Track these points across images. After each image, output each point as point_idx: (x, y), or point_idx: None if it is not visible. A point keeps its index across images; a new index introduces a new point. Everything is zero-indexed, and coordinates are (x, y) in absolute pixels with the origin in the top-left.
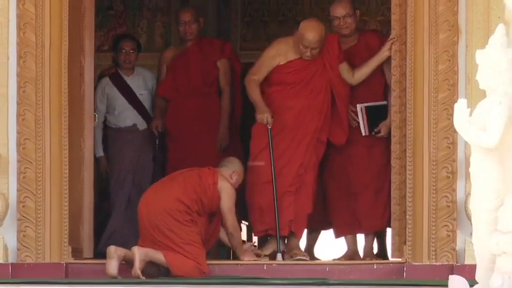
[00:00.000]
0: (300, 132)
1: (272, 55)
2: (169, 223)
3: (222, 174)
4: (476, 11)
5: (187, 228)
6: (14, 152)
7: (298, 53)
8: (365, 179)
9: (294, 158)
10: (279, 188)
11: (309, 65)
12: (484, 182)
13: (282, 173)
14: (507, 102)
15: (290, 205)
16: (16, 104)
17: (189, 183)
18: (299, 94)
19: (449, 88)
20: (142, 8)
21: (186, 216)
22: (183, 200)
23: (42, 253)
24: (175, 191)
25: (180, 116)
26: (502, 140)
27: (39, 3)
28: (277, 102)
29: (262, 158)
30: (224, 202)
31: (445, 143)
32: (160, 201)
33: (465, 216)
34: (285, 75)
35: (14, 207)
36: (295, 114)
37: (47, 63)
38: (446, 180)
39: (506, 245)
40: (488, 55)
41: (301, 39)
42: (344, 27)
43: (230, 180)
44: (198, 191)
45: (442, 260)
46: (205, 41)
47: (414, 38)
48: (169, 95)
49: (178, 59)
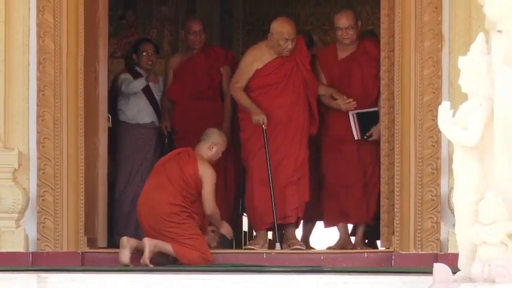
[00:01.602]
0: (292, 126)
1: (249, 62)
2: (168, 226)
3: (200, 154)
4: (459, 21)
5: (186, 225)
6: (34, 150)
7: (274, 53)
8: (355, 174)
9: (290, 151)
10: (282, 180)
11: (284, 63)
12: (466, 177)
13: (281, 165)
14: (487, 105)
15: (294, 194)
16: (36, 106)
17: (173, 181)
18: (284, 92)
19: (434, 91)
20: (152, 17)
21: (182, 214)
22: (174, 202)
23: (60, 243)
24: (164, 195)
25: (187, 117)
26: (482, 139)
27: (57, 14)
28: (265, 103)
29: (259, 157)
30: (205, 188)
31: (430, 141)
32: (155, 209)
33: (448, 209)
34: (265, 78)
35: (34, 200)
36: (285, 110)
37: (65, 69)
38: (431, 176)
39: (485, 235)
40: (470, 61)
41: (280, 34)
42: (346, 37)
43: (209, 152)
44: (182, 185)
45: (427, 249)
46: (209, 49)
47: (401, 45)
48: (177, 98)
49: (185, 65)
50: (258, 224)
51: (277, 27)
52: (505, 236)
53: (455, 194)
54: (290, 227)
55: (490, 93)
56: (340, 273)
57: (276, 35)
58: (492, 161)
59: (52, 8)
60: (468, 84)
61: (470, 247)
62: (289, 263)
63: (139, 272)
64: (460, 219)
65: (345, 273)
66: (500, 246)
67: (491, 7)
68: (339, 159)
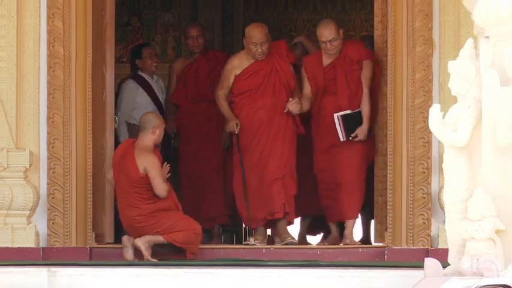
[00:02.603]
0: (274, 127)
1: (229, 69)
2: (148, 229)
3: (143, 144)
4: (448, 27)
5: (163, 219)
6: (45, 150)
7: (251, 57)
8: (346, 174)
9: (274, 150)
10: (268, 178)
11: (261, 67)
12: (455, 176)
13: (267, 163)
14: (475, 107)
15: (280, 190)
16: (46, 108)
17: (126, 185)
18: (264, 95)
19: (425, 94)
20: (156, 24)
21: (155, 209)
22: (139, 206)
23: (69, 238)
24: (129, 201)
25: (191, 119)
26: (471, 139)
27: (66, 21)
28: (247, 106)
29: (247, 158)
30: (149, 175)
31: (421, 142)
32: (130, 221)
33: (438, 206)
34: (245, 82)
35: (44, 198)
36: (266, 111)
37: (73, 73)
38: (422, 175)
39: (474, 231)
40: (459, 65)
41: (249, 39)
42: (331, 49)
43: (154, 136)
44: (135, 183)
45: (419, 245)
46: (211, 53)
47: (394, 50)
48: (180, 101)
49: (187, 69)
50: (253, 222)
51: (247, 32)
52: (493, 231)
53: (445, 192)
54: (280, 222)
55: (478, 95)
56: (336, 267)
57: (247, 40)
58: (480, 161)
59: (61, 15)
60: (457, 87)
61: (459, 242)
62: (287, 258)
63: (145, 266)
64: (450, 216)
65: (340, 268)
66: (488, 242)
67: (479, 14)
68: (330, 160)
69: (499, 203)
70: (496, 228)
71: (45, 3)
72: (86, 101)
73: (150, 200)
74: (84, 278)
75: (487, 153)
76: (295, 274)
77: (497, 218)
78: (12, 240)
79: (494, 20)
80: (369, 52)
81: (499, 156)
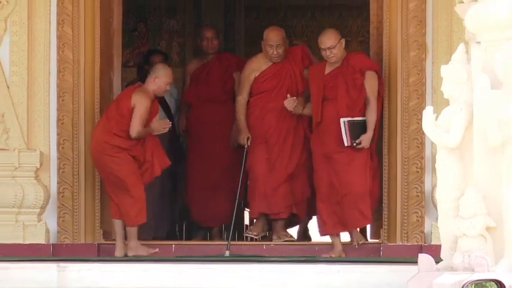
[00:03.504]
0: (283, 130)
1: (248, 73)
2: (106, 161)
3: (146, 88)
4: (441, 33)
5: (119, 162)
6: (55, 151)
7: (268, 60)
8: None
9: (283, 152)
10: (276, 178)
11: (279, 70)
12: (448, 176)
13: (275, 165)
14: (467, 109)
15: (288, 192)
16: (56, 111)
17: (110, 117)
18: (277, 98)
19: (418, 97)
20: (161, 30)
21: (121, 145)
22: (112, 131)
23: (78, 235)
24: (100, 133)
25: (202, 119)
26: (462, 140)
27: (75, 27)
28: (260, 106)
29: (256, 152)
30: (134, 111)
31: (414, 143)
32: (94, 147)
33: (432, 205)
34: (261, 84)
35: (54, 197)
36: (276, 114)
37: (82, 77)
38: (416, 175)
39: (466, 228)
40: (451, 69)
41: (266, 41)
42: (330, 56)
43: (154, 85)
44: (117, 119)
45: (413, 241)
46: (223, 55)
47: (389, 55)
48: (192, 101)
49: (200, 70)
50: (254, 212)
51: (265, 35)
52: (483, 229)
53: (438, 191)
54: (280, 221)
55: (470, 98)
56: (334, 262)
57: (264, 42)
58: (472, 161)
59: (71, 22)
60: (450, 90)
61: (451, 239)
62: (287, 254)
63: (151, 261)
64: (443, 214)
65: (338, 263)
66: (479, 238)
67: (470, 21)
68: (329, 168)
69: (490, 202)
70: (486, 226)
71: (55, 10)
72: (94, 104)
73: (122, 134)
74: (92, 273)
75: (478, 154)
76: (294, 269)
77: (488, 215)
78: (24, 237)
79: (485, 26)
80: (373, 63)
81: (490, 157)
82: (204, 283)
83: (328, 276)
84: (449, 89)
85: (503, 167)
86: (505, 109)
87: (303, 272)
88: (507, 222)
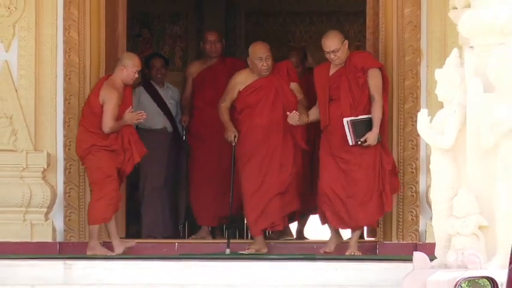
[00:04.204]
0: (271, 143)
1: (233, 85)
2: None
3: (114, 79)
4: (435, 38)
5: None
6: (61, 152)
7: (256, 75)
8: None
9: (271, 166)
10: (267, 193)
11: (264, 84)
12: (442, 176)
13: (264, 181)
14: (460, 112)
15: (279, 205)
16: (63, 113)
17: (85, 116)
18: (262, 113)
19: (413, 100)
20: (165, 35)
21: (95, 144)
22: (87, 129)
23: (83, 234)
24: (82, 122)
25: (206, 119)
26: (456, 142)
27: (81, 32)
28: (246, 123)
29: (248, 167)
30: (104, 107)
31: (410, 144)
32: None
33: (426, 204)
34: (247, 97)
35: (61, 196)
36: (262, 129)
37: (88, 80)
38: (411, 175)
39: (459, 227)
40: (445, 73)
41: (255, 55)
42: (335, 59)
43: (122, 74)
44: (91, 118)
45: (408, 240)
46: (228, 59)
47: (385, 59)
48: (197, 103)
49: (205, 73)
50: (252, 230)
51: (252, 49)
52: (476, 227)
53: (432, 191)
54: (278, 233)
55: (463, 101)
56: (331, 260)
57: (252, 56)
58: (465, 162)
59: (77, 27)
60: (444, 93)
61: (445, 237)
62: (286, 251)
63: (154, 259)
64: (437, 213)
65: (336, 261)
66: (472, 237)
67: (464, 26)
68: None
69: (482, 201)
70: (479, 225)
71: (62, 16)
72: None
73: (99, 131)
74: (97, 270)
75: (471, 155)
76: (293, 267)
77: (481, 215)
78: (31, 236)
79: (478, 31)
80: (374, 61)
81: (483, 158)
82: (205, 280)
83: (326, 273)
84: (443, 92)
85: (496, 168)
86: (497, 111)
87: (301, 269)
88: (499, 221)
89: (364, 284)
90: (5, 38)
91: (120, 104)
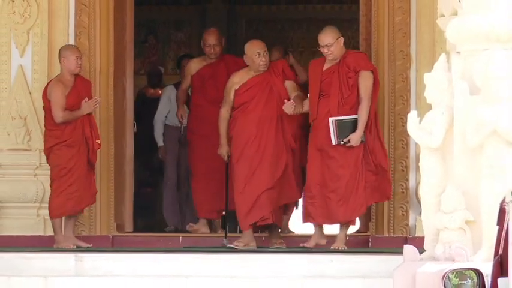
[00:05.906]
0: (263, 138)
1: (230, 87)
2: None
3: (54, 78)
4: (424, 44)
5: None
6: None
7: (253, 71)
8: (339, 175)
9: (264, 160)
10: (258, 187)
11: (260, 81)
12: (430, 174)
13: (255, 174)
14: (448, 113)
15: (269, 200)
16: None
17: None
18: (255, 108)
19: (404, 102)
20: (170, 41)
21: (54, 143)
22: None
23: (94, 228)
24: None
25: (207, 119)
26: (444, 141)
27: (91, 38)
28: (241, 119)
29: (241, 162)
30: (50, 100)
31: (400, 144)
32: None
33: (416, 200)
34: (242, 95)
35: None
36: (255, 124)
37: (98, 84)
38: (401, 173)
39: (447, 222)
40: (434, 77)
41: (252, 51)
42: (328, 53)
43: (64, 66)
44: (48, 118)
45: (398, 233)
46: (229, 58)
47: (377, 64)
48: (199, 101)
49: (205, 71)
50: (242, 225)
51: (249, 46)
52: (463, 222)
53: (421, 188)
54: (272, 228)
55: (451, 103)
56: (327, 253)
57: (249, 53)
58: (452, 160)
59: (87, 34)
60: (432, 96)
61: (434, 232)
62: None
63: (162, 252)
64: (426, 208)
65: (330, 253)
66: (459, 231)
67: (451, 32)
68: (322, 163)
69: (469, 198)
70: (466, 219)
71: (73, 23)
72: (108, 109)
73: (56, 127)
74: (107, 263)
75: (458, 154)
76: (289, 260)
77: (467, 210)
78: (44, 230)
79: (464, 38)
80: (367, 63)
81: (469, 157)
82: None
83: (321, 265)
84: (432, 95)
85: (481, 166)
86: (482, 113)
87: (298, 262)
88: (484, 216)
89: (357, 275)
90: (20, 44)
91: (75, 95)
